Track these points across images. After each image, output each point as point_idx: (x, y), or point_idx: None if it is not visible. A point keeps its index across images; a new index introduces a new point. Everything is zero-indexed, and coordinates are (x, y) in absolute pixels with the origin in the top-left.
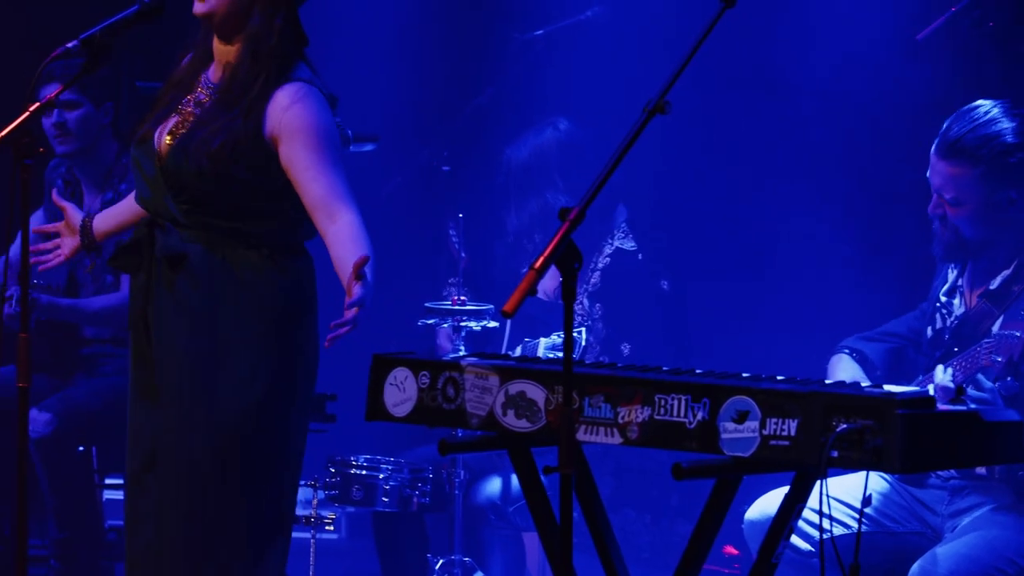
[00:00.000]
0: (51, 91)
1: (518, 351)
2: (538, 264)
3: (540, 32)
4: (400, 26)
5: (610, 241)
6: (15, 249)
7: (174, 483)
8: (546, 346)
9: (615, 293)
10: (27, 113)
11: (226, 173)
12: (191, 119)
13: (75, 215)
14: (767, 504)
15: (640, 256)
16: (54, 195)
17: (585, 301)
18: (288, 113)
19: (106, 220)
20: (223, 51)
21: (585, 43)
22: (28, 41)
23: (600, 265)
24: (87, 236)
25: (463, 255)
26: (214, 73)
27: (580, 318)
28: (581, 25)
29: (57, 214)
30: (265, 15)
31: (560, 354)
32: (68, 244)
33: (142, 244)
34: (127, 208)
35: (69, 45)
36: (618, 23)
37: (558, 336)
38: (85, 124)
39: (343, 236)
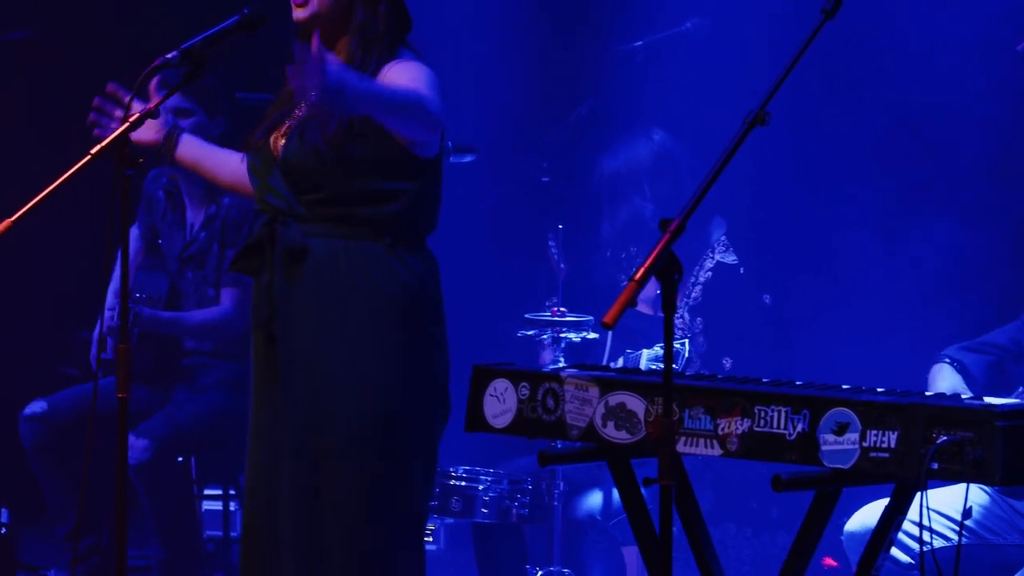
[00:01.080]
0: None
1: (620, 363)
2: (638, 275)
3: (640, 43)
4: (499, 38)
5: (711, 255)
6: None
7: (304, 483)
8: (648, 357)
9: (716, 307)
10: (127, 123)
11: (343, 154)
12: (301, 117)
13: (163, 114)
14: (867, 516)
15: (742, 270)
16: (151, 86)
17: (686, 315)
18: (391, 70)
19: (199, 150)
20: None
21: (685, 54)
22: (129, 50)
23: (702, 279)
24: (170, 141)
25: (562, 266)
26: None
27: (681, 332)
28: (681, 36)
29: (153, 228)
30: (368, 5)
31: (663, 365)
32: (143, 132)
33: (263, 244)
34: (223, 161)
35: (169, 56)
36: (718, 35)
37: (660, 348)
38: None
39: None
